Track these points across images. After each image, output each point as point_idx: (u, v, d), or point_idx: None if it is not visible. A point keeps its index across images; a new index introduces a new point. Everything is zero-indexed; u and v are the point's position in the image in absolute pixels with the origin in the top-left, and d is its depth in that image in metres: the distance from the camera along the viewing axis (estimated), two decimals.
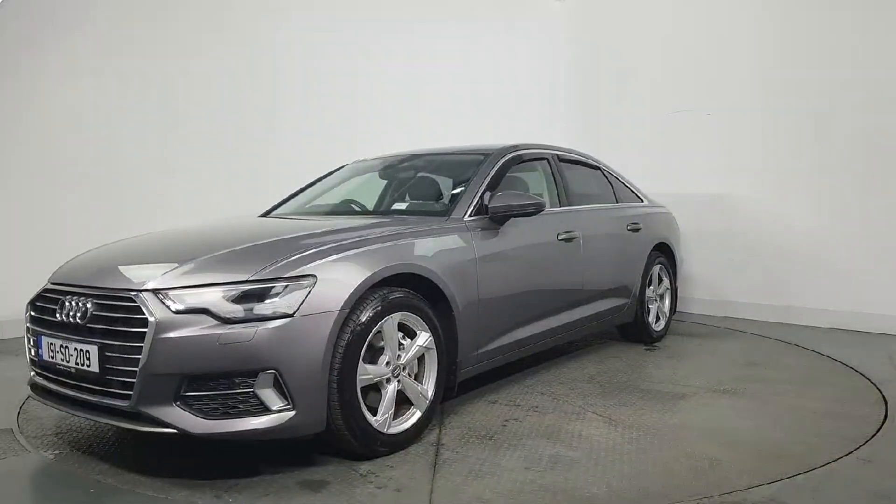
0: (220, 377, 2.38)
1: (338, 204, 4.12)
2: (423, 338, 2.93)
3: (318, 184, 4.44)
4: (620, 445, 2.87)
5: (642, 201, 5.25)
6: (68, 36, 5.18)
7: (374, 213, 3.96)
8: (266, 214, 4.18)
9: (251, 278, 2.45)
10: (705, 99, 6.25)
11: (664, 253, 5.19)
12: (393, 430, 2.79)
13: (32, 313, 2.83)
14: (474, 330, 3.25)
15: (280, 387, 2.42)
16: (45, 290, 2.82)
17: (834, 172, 5.47)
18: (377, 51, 6.38)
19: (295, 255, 2.58)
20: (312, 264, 2.55)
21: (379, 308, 2.69)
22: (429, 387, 2.97)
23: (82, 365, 2.52)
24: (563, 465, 2.66)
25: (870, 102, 5.28)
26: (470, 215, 3.42)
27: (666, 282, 5.19)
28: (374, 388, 2.77)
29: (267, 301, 2.43)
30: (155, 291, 2.44)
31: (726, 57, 6.14)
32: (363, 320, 2.62)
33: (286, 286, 2.46)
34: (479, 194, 3.53)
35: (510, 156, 3.96)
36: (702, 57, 6.30)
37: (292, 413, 2.43)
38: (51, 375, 2.71)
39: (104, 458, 2.75)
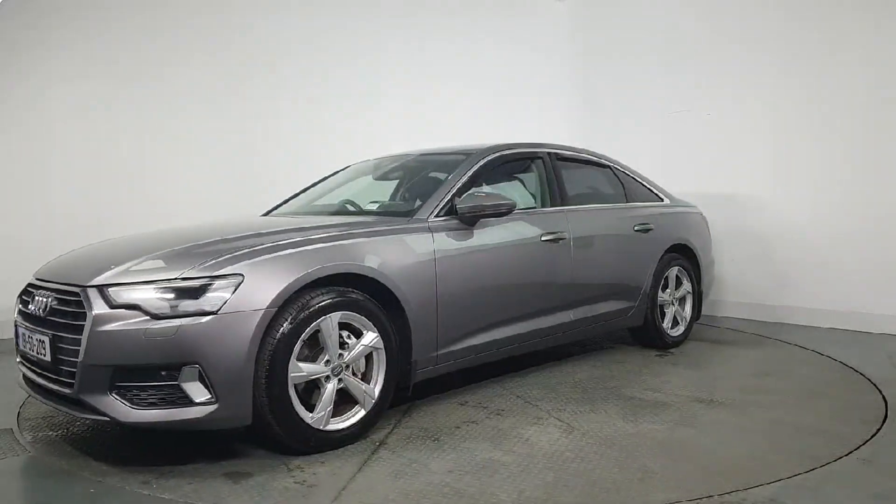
0: (147, 369, 2.52)
1: (333, 204, 4.19)
2: (370, 337, 2.96)
3: (322, 183, 4.55)
4: (561, 453, 2.79)
5: (662, 200, 5.03)
6: (68, 35, 5.32)
7: (346, 213, 3.97)
8: (267, 213, 4.34)
9: (179, 276, 2.58)
10: (706, 98, 6.17)
11: (684, 254, 4.96)
12: (331, 428, 2.84)
13: (19, 306, 3.10)
14: (433, 330, 3.24)
15: (204, 380, 2.53)
16: (27, 285, 3.08)
17: (835, 171, 5.42)
18: (378, 51, 6.43)
19: (226, 255, 2.68)
20: (240, 264, 2.65)
21: (315, 307, 2.75)
22: (376, 386, 3.00)
23: (40, 354, 2.75)
24: (489, 469, 2.63)
25: (871, 102, 5.21)
26: (436, 216, 3.42)
27: (687, 285, 4.95)
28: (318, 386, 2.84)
29: (192, 299, 2.54)
30: (98, 287, 2.61)
31: (728, 55, 6.04)
32: (295, 319, 2.69)
33: (211, 285, 2.57)
34: (448, 195, 3.52)
35: (493, 156, 3.92)
36: (703, 56, 6.22)
37: (215, 406, 2.53)
38: (26, 363, 2.96)
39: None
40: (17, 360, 3.10)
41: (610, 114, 6.94)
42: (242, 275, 2.62)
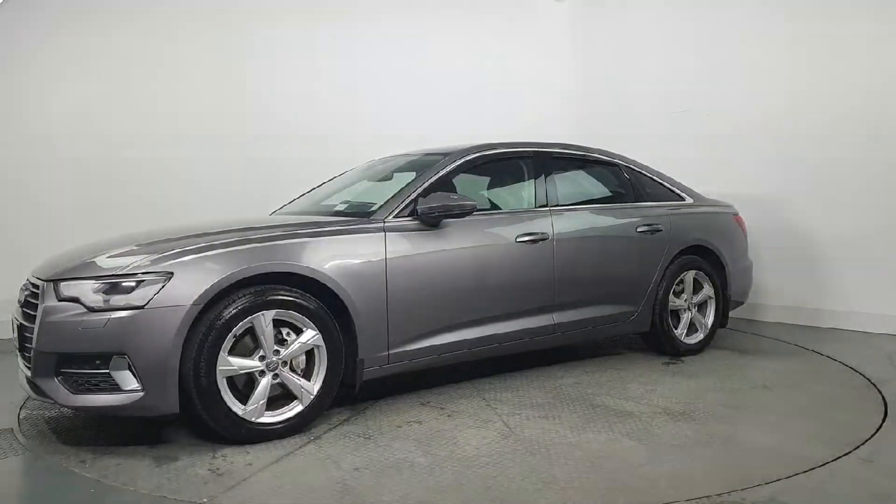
0: (84, 358, 2.74)
1: (334, 204, 4.25)
2: (309, 335, 3.05)
3: (329, 182, 4.66)
4: (478, 458, 2.75)
5: (683, 199, 4.76)
6: (68, 36, 5.40)
7: (314, 212, 4.00)
8: (273, 214, 4.53)
9: (114, 273, 2.79)
10: (705, 98, 6.17)
11: (706, 257, 4.66)
12: (264, 421, 2.95)
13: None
14: (383, 330, 3.28)
15: (132, 370, 2.72)
16: (27, 280, 3.43)
17: (836, 171, 5.41)
18: (377, 50, 6.47)
19: (159, 253, 2.87)
20: (170, 262, 2.82)
21: (247, 304, 2.88)
22: (315, 383, 3.08)
23: (15, 341, 3.07)
24: (395, 469, 2.64)
25: (872, 105, 5.20)
26: (396, 216, 3.45)
27: (707, 289, 4.65)
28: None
29: (122, 294, 2.75)
30: (52, 282, 2.88)
31: (727, 55, 6.04)
32: (224, 315, 2.83)
33: (142, 281, 2.76)
34: (412, 196, 3.54)
35: (472, 156, 3.89)
36: (702, 56, 6.22)
37: (142, 394, 2.72)
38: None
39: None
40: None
41: (610, 113, 6.96)
42: (172, 272, 2.79)
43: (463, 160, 3.84)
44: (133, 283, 2.76)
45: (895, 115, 5.07)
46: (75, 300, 2.77)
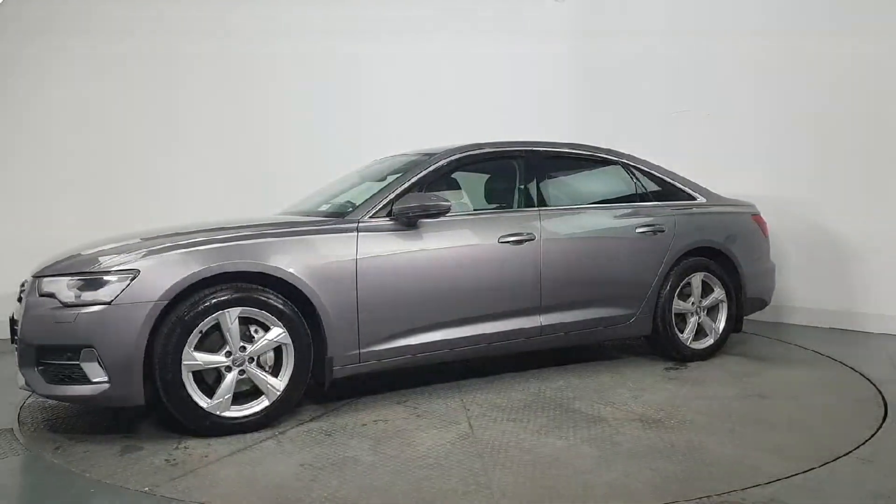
0: (58, 350, 2.91)
1: (335, 203, 4.32)
2: (275, 332, 3.13)
3: (328, 184, 4.73)
4: (424, 458, 2.75)
5: (694, 199, 4.58)
6: (69, 37, 5.44)
7: (304, 212, 4.04)
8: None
9: (85, 270, 2.95)
10: (705, 99, 6.18)
11: (716, 258, 4.47)
12: (229, 415, 3.05)
13: None
14: (353, 329, 3.32)
15: (100, 362, 2.87)
16: None
17: (835, 171, 5.42)
18: (377, 51, 6.47)
19: (127, 252, 3.01)
20: (138, 261, 2.95)
21: (211, 302, 2.98)
22: (282, 380, 3.16)
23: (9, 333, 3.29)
24: (337, 467, 2.68)
25: (868, 103, 5.21)
26: (373, 216, 3.48)
27: (718, 292, 4.45)
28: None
29: (92, 290, 2.90)
30: (37, 278, 3.07)
31: (727, 55, 6.03)
32: (189, 312, 2.94)
33: (111, 278, 2.91)
34: (390, 196, 3.56)
35: (457, 157, 3.87)
36: (701, 56, 6.22)
37: (108, 385, 2.86)
38: None
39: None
40: None
41: (610, 113, 6.89)
42: (139, 270, 2.93)
43: (446, 160, 3.83)
44: (102, 280, 2.91)
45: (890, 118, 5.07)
46: (52, 296, 2.94)
